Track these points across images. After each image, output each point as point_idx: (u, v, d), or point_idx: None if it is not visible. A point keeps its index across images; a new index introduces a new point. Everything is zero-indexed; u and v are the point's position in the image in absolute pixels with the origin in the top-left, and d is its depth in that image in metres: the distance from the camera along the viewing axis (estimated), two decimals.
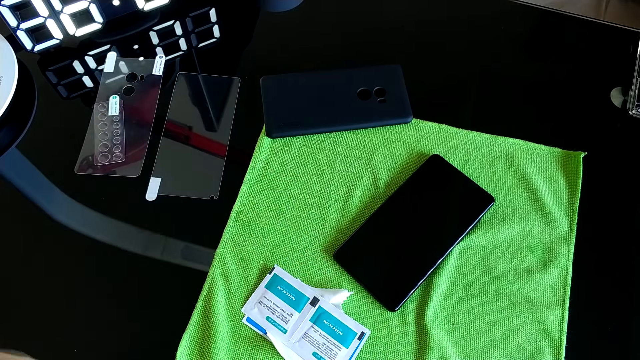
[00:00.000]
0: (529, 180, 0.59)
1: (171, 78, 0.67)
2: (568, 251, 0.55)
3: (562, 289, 0.54)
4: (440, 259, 0.54)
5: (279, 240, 0.56)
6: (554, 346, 0.51)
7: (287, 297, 0.52)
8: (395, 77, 0.65)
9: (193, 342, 0.51)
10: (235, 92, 0.66)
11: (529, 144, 0.62)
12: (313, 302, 0.52)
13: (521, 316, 0.52)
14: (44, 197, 0.59)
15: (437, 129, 0.63)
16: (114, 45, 0.70)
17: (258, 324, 0.51)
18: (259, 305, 0.52)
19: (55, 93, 0.67)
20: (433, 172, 0.59)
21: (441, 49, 0.70)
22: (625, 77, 0.67)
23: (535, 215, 0.57)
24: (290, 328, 0.51)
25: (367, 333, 0.51)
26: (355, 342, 0.50)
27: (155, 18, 0.72)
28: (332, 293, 0.53)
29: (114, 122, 0.63)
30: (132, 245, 0.54)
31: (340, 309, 0.52)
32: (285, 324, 0.51)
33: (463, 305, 0.53)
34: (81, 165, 0.60)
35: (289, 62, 0.69)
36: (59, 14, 0.64)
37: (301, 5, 0.73)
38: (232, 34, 0.72)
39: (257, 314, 0.52)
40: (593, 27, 0.72)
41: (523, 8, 0.74)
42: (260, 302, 0.52)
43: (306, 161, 0.61)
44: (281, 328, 0.51)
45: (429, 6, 0.74)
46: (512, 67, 0.69)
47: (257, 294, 0.53)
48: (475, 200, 0.57)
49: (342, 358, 0.49)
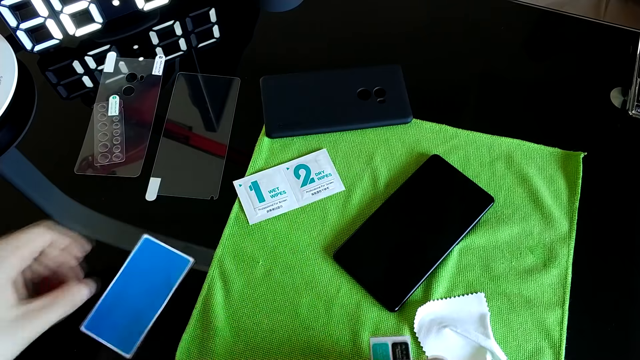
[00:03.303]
0: (528, 180, 0.59)
1: (171, 78, 0.67)
2: (568, 251, 0.55)
3: (562, 289, 0.54)
4: (440, 259, 0.54)
5: (279, 240, 0.56)
6: (554, 346, 0.51)
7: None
8: (395, 77, 0.65)
9: (193, 342, 0.51)
10: (235, 92, 0.66)
11: (529, 144, 0.61)
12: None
13: (521, 316, 0.52)
14: (44, 197, 0.59)
15: (437, 129, 0.63)
16: (113, 46, 0.70)
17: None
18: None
19: (55, 93, 0.67)
20: (433, 172, 0.59)
21: (441, 49, 0.70)
22: (625, 77, 0.67)
23: (535, 215, 0.57)
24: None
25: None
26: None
27: (155, 18, 0.72)
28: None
29: (114, 122, 0.63)
30: (132, 245, 0.54)
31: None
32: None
33: None
34: (81, 165, 0.60)
35: (289, 62, 0.69)
36: (59, 14, 0.64)
37: (301, 5, 0.73)
38: (232, 34, 0.72)
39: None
40: (593, 27, 0.72)
41: (523, 8, 0.74)
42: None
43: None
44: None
45: (428, 6, 0.74)
46: (512, 67, 0.69)
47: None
48: (475, 201, 0.57)
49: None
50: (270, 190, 0.57)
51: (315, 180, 0.57)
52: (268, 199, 0.56)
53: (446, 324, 0.51)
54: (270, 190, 0.57)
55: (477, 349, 0.50)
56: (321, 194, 0.57)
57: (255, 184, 0.57)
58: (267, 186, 0.57)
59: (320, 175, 0.58)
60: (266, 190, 0.56)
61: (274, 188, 0.57)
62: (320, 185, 0.57)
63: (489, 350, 0.50)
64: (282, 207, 0.56)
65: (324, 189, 0.57)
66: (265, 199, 0.56)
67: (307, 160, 0.59)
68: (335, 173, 0.58)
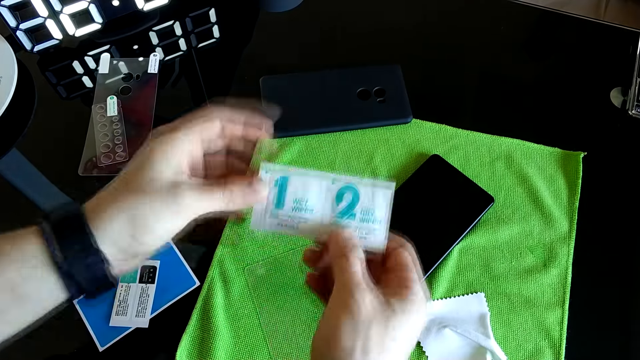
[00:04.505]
0: (528, 180, 0.59)
1: (170, 77, 0.67)
2: (568, 251, 0.55)
3: (562, 289, 0.54)
4: (440, 259, 0.54)
5: (279, 240, 0.56)
6: (554, 346, 0.51)
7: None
8: (394, 77, 0.65)
9: (193, 342, 0.51)
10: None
11: (529, 144, 0.61)
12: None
13: (521, 316, 0.52)
14: (44, 197, 0.59)
15: (436, 129, 0.63)
16: (113, 46, 0.70)
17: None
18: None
19: (55, 93, 0.67)
20: (433, 172, 0.59)
21: (441, 49, 0.70)
22: (625, 77, 0.67)
23: (535, 215, 0.57)
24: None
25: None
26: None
27: (155, 18, 0.72)
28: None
29: (114, 122, 0.63)
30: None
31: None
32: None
33: None
34: (86, 167, 0.60)
35: (289, 62, 0.69)
36: (59, 14, 0.64)
37: (301, 5, 0.73)
38: (231, 34, 0.71)
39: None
40: (593, 27, 0.72)
41: (523, 8, 0.74)
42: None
43: (306, 161, 0.61)
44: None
45: (428, 6, 0.74)
46: (512, 67, 0.69)
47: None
48: (475, 201, 0.57)
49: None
50: (297, 200, 0.40)
51: (356, 218, 0.39)
52: (289, 208, 0.40)
53: (446, 323, 0.51)
54: (297, 200, 0.40)
55: (477, 348, 0.50)
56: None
57: (284, 182, 0.40)
58: (296, 191, 0.40)
59: (365, 215, 0.40)
60: (291, 197, 0.40)
61: (302, 199, 0.40)
62: (359, 228, 0.39)
63: (489, 350, 0.50)
64: (298, 228, 0.40)
65: (360, 235, 0.39)
66: (285, 207, 0.40)
67: (363, 186, 0.40)
68: (385, 224, 0.40)
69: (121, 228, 0.33)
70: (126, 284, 0.53)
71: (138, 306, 0.52)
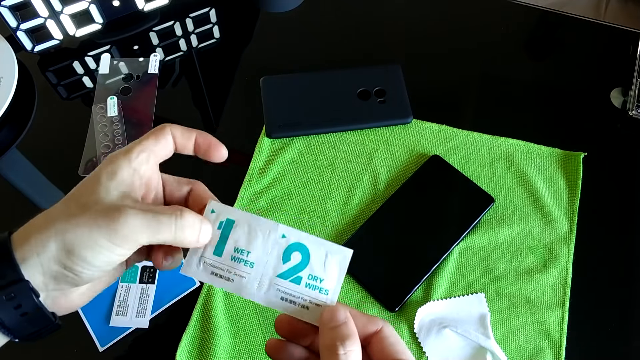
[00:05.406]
0: (528, 180, 0.59)
1: (170, 77, 0.67)
2: (568, 251, 0.55)
3: (562, 290, 0.54)
4: (440, 260, 0.54)
5: None
6: (554, 346, 0.51)
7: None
8: (395, 78, 0.65)
9: (193, 342, 0.51)
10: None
11: (529, 144, 0.61)
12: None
13: (521, 316, 0.52)
14: (44, 197, 0.59)
15: (437, 129, 0.63)
16: (114, 46, 0.70)
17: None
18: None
19: (55, 93, 0.67)
20: (433, 172, 0.59)
21: (441, 50, 0.70)
22: (625, 77, 0.67)
23: (535, 215, 0.57)
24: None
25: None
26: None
27: (155, 19, 0.72)
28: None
29: (114, 122, 0.63)
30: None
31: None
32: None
33: None
34: (86, 167, 0.60)
35: (289, 62, 0.69)
36: (59, 15, 0.64)
37: (301, 5, 0.73)
38: (232, 35, 0.72)
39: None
40: (593, 27, 0.72)
41: (523, 8, 0.74)
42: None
43: (306, 162, 0.61)
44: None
45: (428, 6, 0.74)
46: (512, 68, 0.69)
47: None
48: (475, 201, 0.57)
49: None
50: (237, 249, 0.34)
51: (301, 283, 0.33)
52: (227, 257, 0.34)
53: (446, 324, 0.51)
54: (237, 249, 0.34)
55: (477, 349, 0.50)
56: (290, 308, 0.33)
57: (229, 224, 0.35)
58: (240, 238, 0.34)
59: (312, 282, 0.33)
60: (232, 244, 0.34)
61: (244, 250, 0.34)
62: (302, 295, 0.33)
63: (489, 350, 0.50)
64: (233, 281, 0.34)
65: (301, 304, 0.33)
66: (223, 255, 0.34)
67: (316, 248, 0.34)
68: (334, 294, 0.33)
69: (50, 256, 0.29)
70: (126, 284, 0.53)
71: (138, 306, 0.52)
